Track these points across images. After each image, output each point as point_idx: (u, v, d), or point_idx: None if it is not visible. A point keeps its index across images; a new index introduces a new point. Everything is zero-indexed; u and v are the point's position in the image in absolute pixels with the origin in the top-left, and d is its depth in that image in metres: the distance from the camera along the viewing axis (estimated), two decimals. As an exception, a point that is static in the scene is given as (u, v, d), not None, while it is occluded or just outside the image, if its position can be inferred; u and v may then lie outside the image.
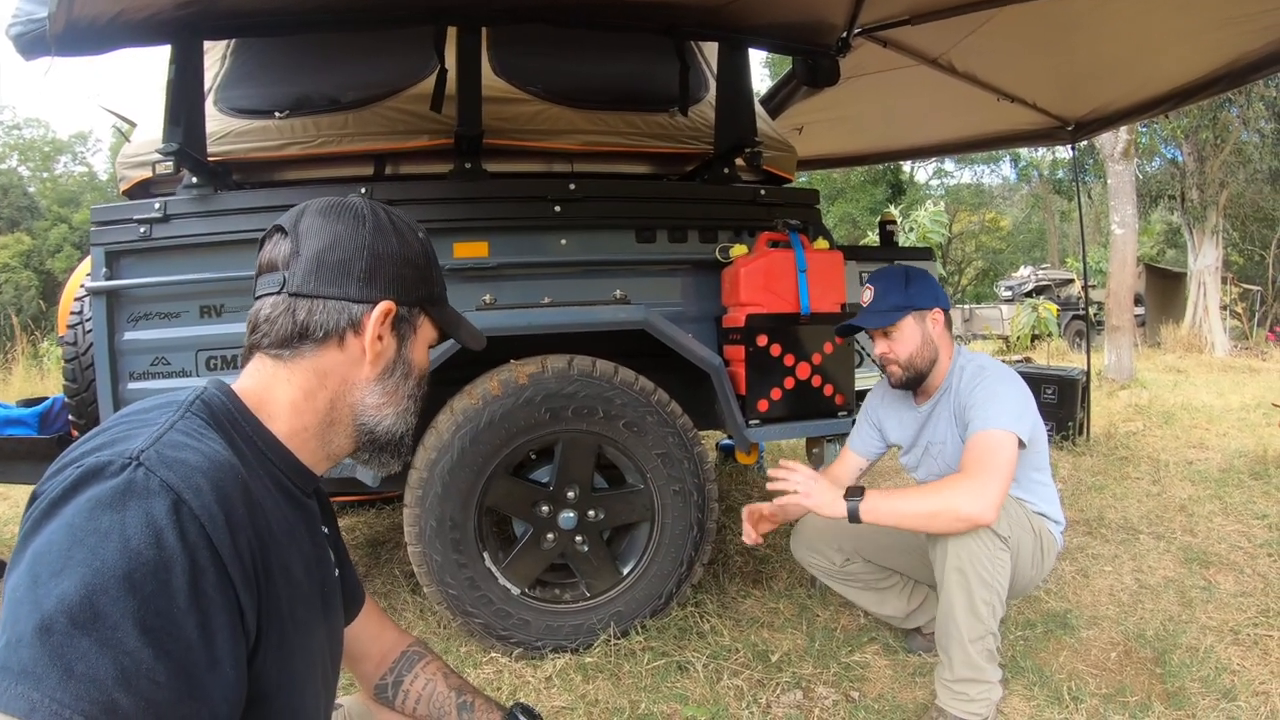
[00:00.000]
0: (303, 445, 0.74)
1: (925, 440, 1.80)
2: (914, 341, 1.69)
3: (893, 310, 1.68)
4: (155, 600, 0.52)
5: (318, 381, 0.73)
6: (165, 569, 0.53)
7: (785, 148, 2.60)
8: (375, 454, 0.79)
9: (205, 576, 0.55)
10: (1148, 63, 2.97)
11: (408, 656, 1.00)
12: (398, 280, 0.76)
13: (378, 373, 0.76)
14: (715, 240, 2.25)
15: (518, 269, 2.06)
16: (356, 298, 0.73)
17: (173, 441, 0.60)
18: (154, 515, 0.54)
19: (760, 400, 2.04)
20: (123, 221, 1.89)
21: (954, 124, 3.96)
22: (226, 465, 0.62)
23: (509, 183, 2.13)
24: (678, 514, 1.98)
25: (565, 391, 1.79)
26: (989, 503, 1.43)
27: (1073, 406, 4.25)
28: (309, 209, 0.75)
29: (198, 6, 1.72)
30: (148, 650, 0.51)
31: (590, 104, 2.36)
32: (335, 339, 0.73)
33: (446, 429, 1.75)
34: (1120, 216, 6.63)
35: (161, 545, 0.53)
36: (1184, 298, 11.89)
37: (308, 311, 0.72)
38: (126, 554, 0.52)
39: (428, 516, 1.78)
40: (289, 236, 0.73)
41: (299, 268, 0.72)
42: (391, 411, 0.78)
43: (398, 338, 0.77)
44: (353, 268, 0.73)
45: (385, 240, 0.76)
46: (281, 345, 0.72)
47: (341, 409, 0.75)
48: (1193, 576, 2.41)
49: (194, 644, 0.54)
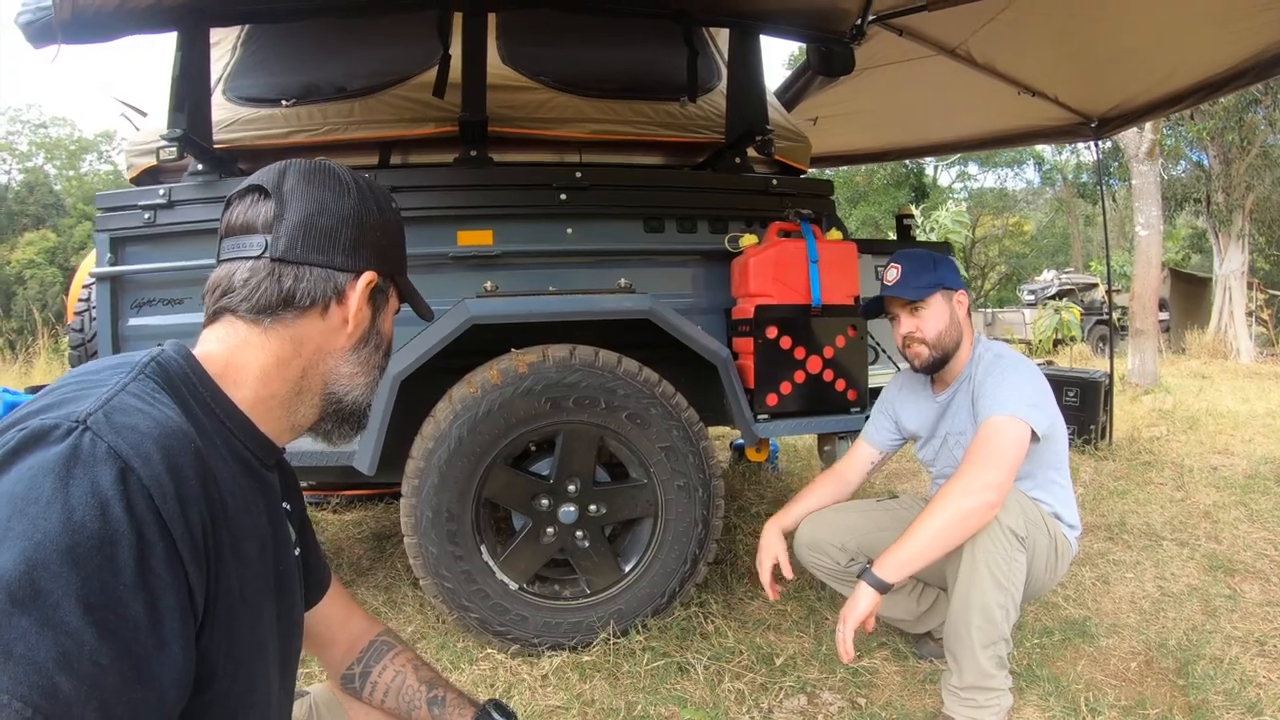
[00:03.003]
0: (267, 414, 0.70)
1: (944, 431, 1.74)
2: (943, 320, 1.64)
3: (925, 286, 1.63)
4: (99, 577, 0.49)
5: (293, 349, 0.70)
6: (111, 543, 0.50)
7: (799, 138, 2.55)
8: (337, 425, 0.77)
9: (153, 552, 0.52)
10: (1172, 54, 2.88)
11: (376, 646, 0.96)
12: (378, 250, 0.75)
13: (354, 342, 0.75)
14: (725, 231, 2.20)
15: (523, 257, 2.02)
16: (342, 266, 0.72)
17: (123, 405, 0.56)
18: (100, 485, 0.50)
19: (769, 394, 1.99)
20: (127, 208, 1.89)
21: (973, 120, 3.88)
22: (179, 432, 0.58)
23: (514, 170, 2.10)
24: (682, 510, 1.93)
25: (567, 381, 1.75)
26: (988, 488, 1.38)
27: (1095, 410, 4.14)
28: (290, 170, 0.72)
29: None
30: (91, 630, 0.48)
31: (599, 92, 2.32)
32: (319, 307, 0.71)
33: (444, 418, 1.72)
34: (1145, 218, 6.48)
35: (107, 517, 0.50)
36: (1209, 303, 11.63)
37: (294, 278, 0.69)
38: (69, 526, 0.48)
39: (423, 507, 1.74)
40: (271, 198, 0.70)
41: (284, 232, 0.69)
42: (363, 382, 0.77)
43: (374, 308, 0.76)
44: (340, 236, 0.71)
45: (368, 209, 0.74)
46: (262, 311, 0.69)
47: (313, 378, 0.73)
48: (1217, 585, 2.32)
49: (140, 624, 0.51)
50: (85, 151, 28.49)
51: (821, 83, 3.01)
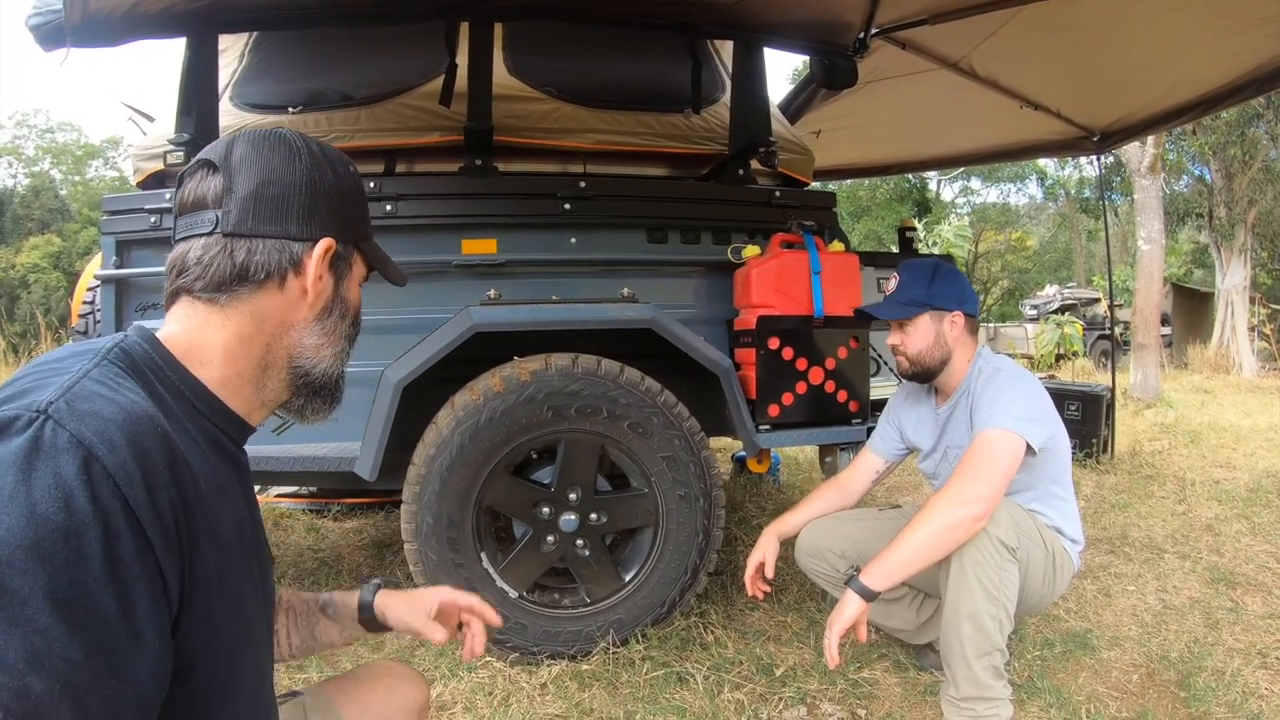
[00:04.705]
0: (236, 393, 0.69)
1: (944, 444, 1.74)
2: (925, 340, 1.65)
3: (909, 304, 1.64)
4: (67, 570, 0.47)
5: (255, 325, 0.69)
6: (76, 535, 0.48)
7: (802, 150, 2.56)
8: (309, 398, 0.75)
9: (121, 541, 0.50)
10: (1174, 67, 2.89)
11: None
12: (336, 216, 0.72)
13: (316, 313, 0.73)
14: (728, 242, 2.21)
15: (526, 266, 2.03)
16: (297, 235, 0.69)
17: (85, 391, 0.54)
18: (62, 475, 0.49)
19: (771, 405, 1.99)
20: (133, 211, 1.90)
21: (976, 133, 3.90)
22: (144, 417, 0.56)
23: (519, 180, 2.12)
24: (683, 520, 1.93)
25: (569, 390, 1.76)
26: (975, 500, 1.38)
27: (1097, 423, 4.14)
28: (238, 140, 0.70)
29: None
30: (61, 627, 0.46)
31: (604, 103, 2.34)
32: (275, 280, 0.69)
33: (446, 425, 1.72)
34: (1147, 232, 6.49)
35: (71, 508, 0.48)
36: (1211, 318, 11.62)
37: (247, 251, 0.67)
38: (33, 520, 0.47)
39: (424, 514, 1.74)
40: (219, 172, 0.68)
41: (234, 205, 0.67)
42: (330, 353, 0.75)
43: (335, 276, 0.74)
44: (292, 204, 0.69)
45: (322, 174, 0.72)
46: (217, 289, 0.67)
47: (278, 352, 0.71)
48: (1219, 597, 2.31)
49: (112, 617, 0.49)
50: (91, 157, 28.70)
51: (825, 96, 3.03)
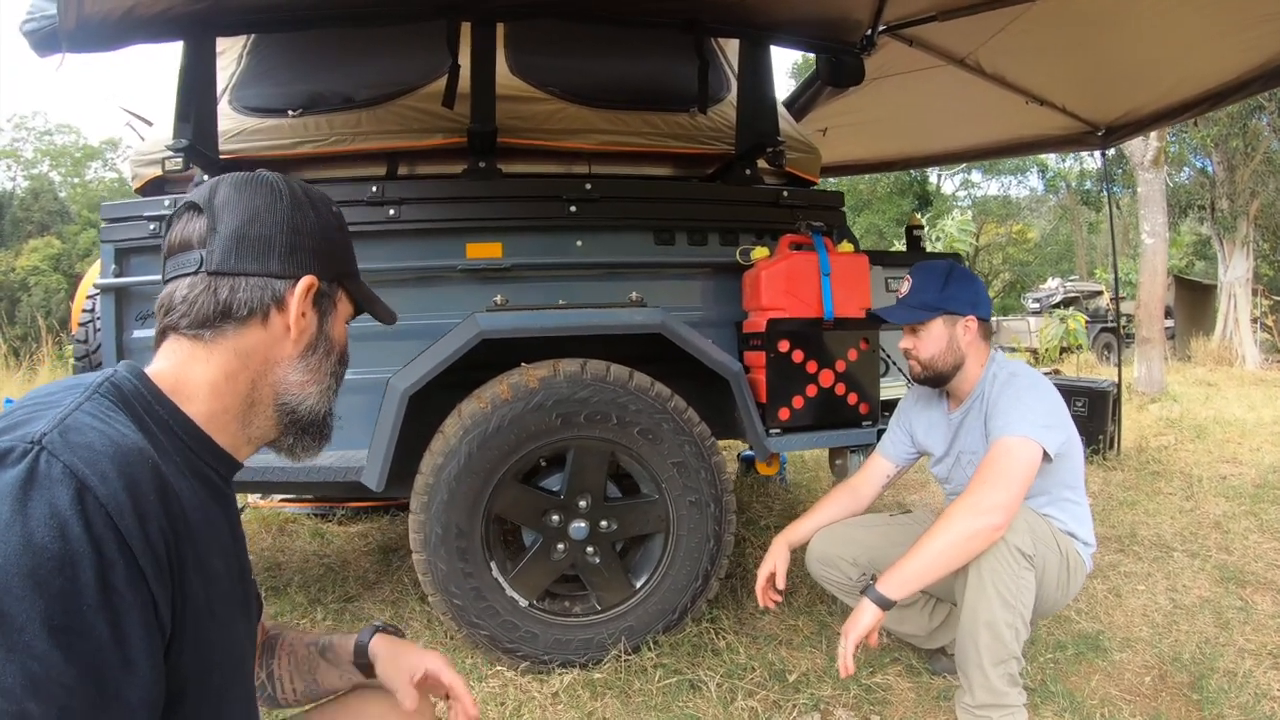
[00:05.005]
0: (222, 429, 0.70)
1: (957, 449, 1.72)
2: (938, 345, 1.62)
3: (922, 309, 1.61)
4: (63, 598, 0.49)
5: (239, 362, 0.70)
6: (72, 564, 0.50)
7: (809, 149, 2.53)
8: (298, 437, 0.77)
9: (114, 570, 0.52)
10: (1181, 63, 2.87)
11: (266, 646, 0.97)
12: (318, 255, 0.74)
13: (300, 350, 0.74)
14: (736, 243, 2.18)
15: (532, 270, 2.00)
16: (279, 273, 0.71)
17: (77, 424, 0.56)
18: (57, 505, 0.50)
19: (781, 408, 1.97)
20: (132, 219, 1.87)
21: (981, 129, 3.87)
22: (135, 449, 0.58)
23: (523, 182, 2.08)
24: (693, 526, 1.91)
25: (577, 396, 1.73)
26: (993, 509, 1.37)
27: (1103, 419, 4.12)
28: (221, 183, 0.73)
29: (210, 1, 1.70)
30: (57, 653, 0.48)
31: (608, 103, 2.31)
32: (258, 317, 0.71)
33: (454, 434, 1.70)
34: (1150, 226, 6.46)
35: (67, 538, 0.50)
36: (1214, 310, 11.59)
37: (230, 290, 0.69)
38: (30, 549, 0.48)
39: (433, 523, 1.72)
40: (204, 213, 0.70)
41: (218, 245, 0.69)
42: (315, 390, 0.76)
43: (319, 314, 0.76)
44: (274, 243, 0.71)
45: (303, 214, 0.74)
46: (201, 325, 0.69)
47: (263, 389, 0.73)
48: (1229, 596, 2.31)
49: (105, 644, 0.51)
50: (90, 159, 28.61)
51: (830, 93, 3.00)
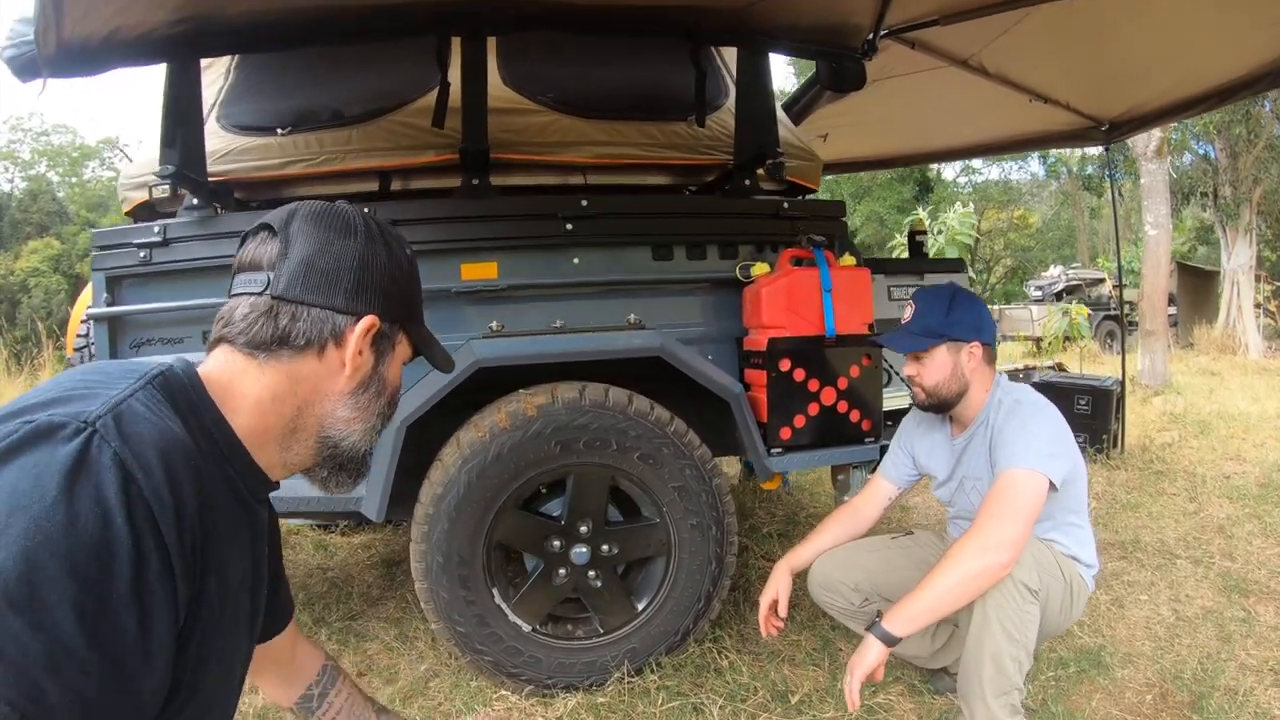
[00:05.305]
0: (261, 446, 0.70)
1: (960, 474, 1.70)
2: (942, 372, 1.60)
3: (925, 335, 1.59)
4: (96, 585, 0.49)
5: (289, 386, 0.70)
6: (110, 553, 0.50)
7: (809, 156, 2.49)
8: (334, 471, 0.76)
9: (148, 564, 0.52)
10: (1186, 62, 2.83)
11: (329, 672, 1.02)
12: (383, 295, 0.74)
13: (353, 387, 0.74)
14: (735, 256, 2.15)
15: (528, 290, 1.97)
16: (342, 309, 0.71)
17: (130, 412, 0.56)
18: (103, 493, 0.51)
19: (783, 428, 1.94)
20: (122, 246, 1.84)
21: (984, 125, 3.82)
22: (181, 446, 0.58)
23: (518, 200, 2.04)
24: (695, 549, 1.89)
25: (576, 424, 1.71)
26: (1001, 547, 1.35)
27: (1107, 418, 4.10)
28: (300, 211, 0.72)
29: (193, 23, 1.66)
30: (82, 638, 0.48)
31: (604, 114, 2.26)
32: (315, 348, 0.70)
33: (452, 463, 1.67)
34: (1154, 217, 6.40)
35: (108, 527, 0.50)
36: (1217, 296, 11.53)
37: (290, 317, 0.69)
38: (71, 532, 0.49)
39: (434, 552, 1.70)
40: (277, 237, 0.70)
41: (285, 271, 0.69)
42: (360, 428, 0.75)
43: (376, 354, 0.75)
44: (341, 278, 0.71)
45: (375, 253, 0.73)
46: (257, 346, 0.69)
47: (308, 418, 0.72)
48: (1232, 607, 2.30)
49: (131, 635, 0.51)
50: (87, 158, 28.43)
51: (831, 96, 2.95)
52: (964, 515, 1.72)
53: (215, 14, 1.65)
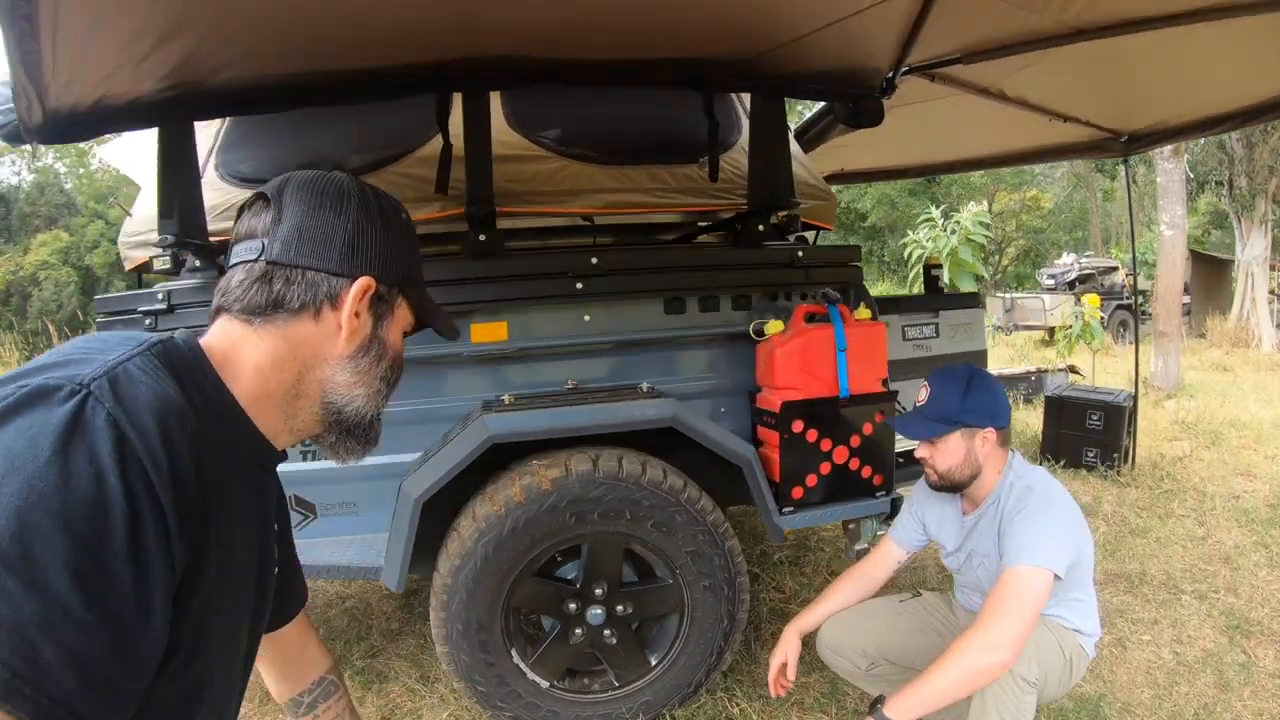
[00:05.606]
0: (264, 414, 0.69)
1: (969, 547, 1.71)
2: (955, 457, 1.59)
3: (940, 422, 1.57)
4: (90, 545, 0.49)
5: (288, 351, 0.70)
6: (104, 512, 0.50)
7: (824, 195, 2.45)
8: (341, 437, 0.76)
9: (143, 524, 0.52)
10: (1214, 86, 2.75)
11: (326, 684, 1.02)
12: (380, 257, 0.73)
13: (352, 350, 0.73)
14: (749, 305, 2.12)
15: (539, 350, 1.96)
16: (336, 271, 0.70)
17: (126, 374, 0.56)
18: (97, 453, 0.51)
19: (795, 488, 1.94)
20: (127, 313, 1.82)
21: (1000, 138, 3.74)
22: (178, 409, 0.58)
23: (528, 261, 2.00)
24: (708, 608, 1.90)
25: (591, 496, 1.71)
26: (1003, 646, 1.37)
27: (1118, 433, 4.08)
28: (293, 178, 0.72)
29: (183, 89, 1.61)
30: (77, 597, 0.48)
31: (613, 159, 2.22)
32: (311, 311, 0.70)
33: (469, 536, 1.68)
34: (1169, 217, 6.28)
35: (103, 486, 0.50)
36: (1230, 285, 11.38)
37: (285, 281, 0.69)
38: (64, 492, 0.49)
39: (453, 620, 1.72)
40: (271, 205, 0.70)
41: (279, 235, 0.69)
42: (363, 392, 0.75)
43: (374, 317, 0.74)
44: (335, 240, 0.71)
45: (370, 216, 0.73)
46: (252, 312, 0.69)
47: (310, 383, 0.72)
48: (1232, 650, 2.32)
49: (127, 595, 0.51)
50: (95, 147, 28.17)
51: (844, 128, 2.88)
52: (971, 585, 1.74)
53: (203, 82, 1.61)
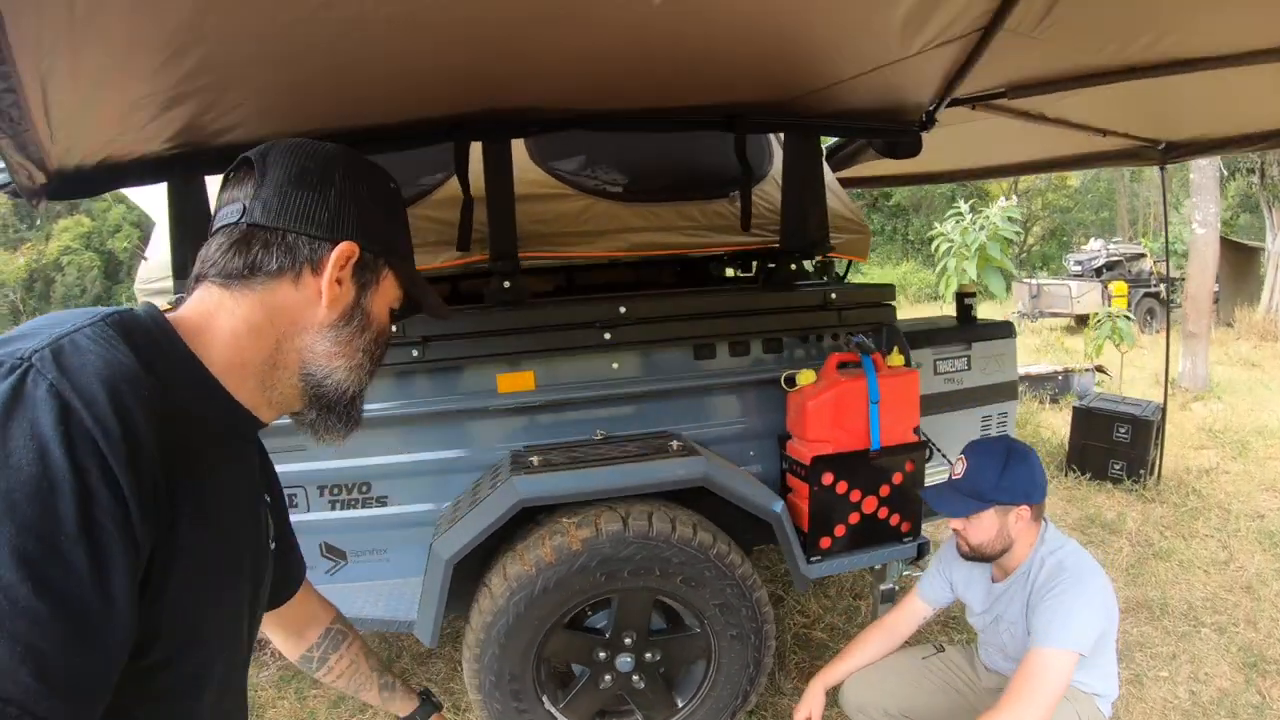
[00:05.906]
0: (240, 383, 0.66)
1: (996, 612, 1.71)
2: (988, 533, 1.59)
3: (974, 498, 1.56)
4: (37, 526, 0.45)
5: (265, 317, 0.67)
6: (50, 490, 0.46)
7: (859, 228, 2.39)
8: (322, 414, 0.73)
9: (97, 500, 0.48)
10: (1255, 105, 2.65)
11: (334, 634, 1.02)
12: (363, 224, 0.70)
13: (333, 318, 0.70)
14: (780, 349, 2.10)
15: (567, 400, 1.95)
16: (317, 235, 0.68)
17: (74, 344, 0.53)
18: (39, 427, 0.47)
19: (823, 538, 1.95)
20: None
21: (1035, 146, 3.63)
22: (131, 374, 0.53)
23: (554, 311, 1.98)
24: (735, 655, 1.93)
25: (621, 555, 1.72)
26: None
27: (1146, 447, 4.04)
28: (277, 144, 0.70)
29: (190, 146, 1.59)
30: (25, 585, 0.44)
31: (641, 197, 2.18)
32: (290, 275, 0.67)
33: (500, 594, 1.70)
34: (1202, 215, 6.10)
35: (46, 462, 0.46)
36: (1259, 273, 11.08)
37: (264, 244, 0.66)
38: (5, 470, 0.45)
39: (486, 673, 1.76)
40: (255, 169, 0.68)
41: (261, 199, 0.67)
42: (343, 364, 0.71)
43: (357, 285, 0.71)
44: (318, 204, 0.68)
45: (355, 182, 0.71)
46: (230, 275, 0.66)
47: (288, 352, 0.69)
48: (1248, 690, 2.31)
49: (83, 579, 0.47)
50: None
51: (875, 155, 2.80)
52: (995, 646, 1.75)
53: (211, 142, 1.59)
